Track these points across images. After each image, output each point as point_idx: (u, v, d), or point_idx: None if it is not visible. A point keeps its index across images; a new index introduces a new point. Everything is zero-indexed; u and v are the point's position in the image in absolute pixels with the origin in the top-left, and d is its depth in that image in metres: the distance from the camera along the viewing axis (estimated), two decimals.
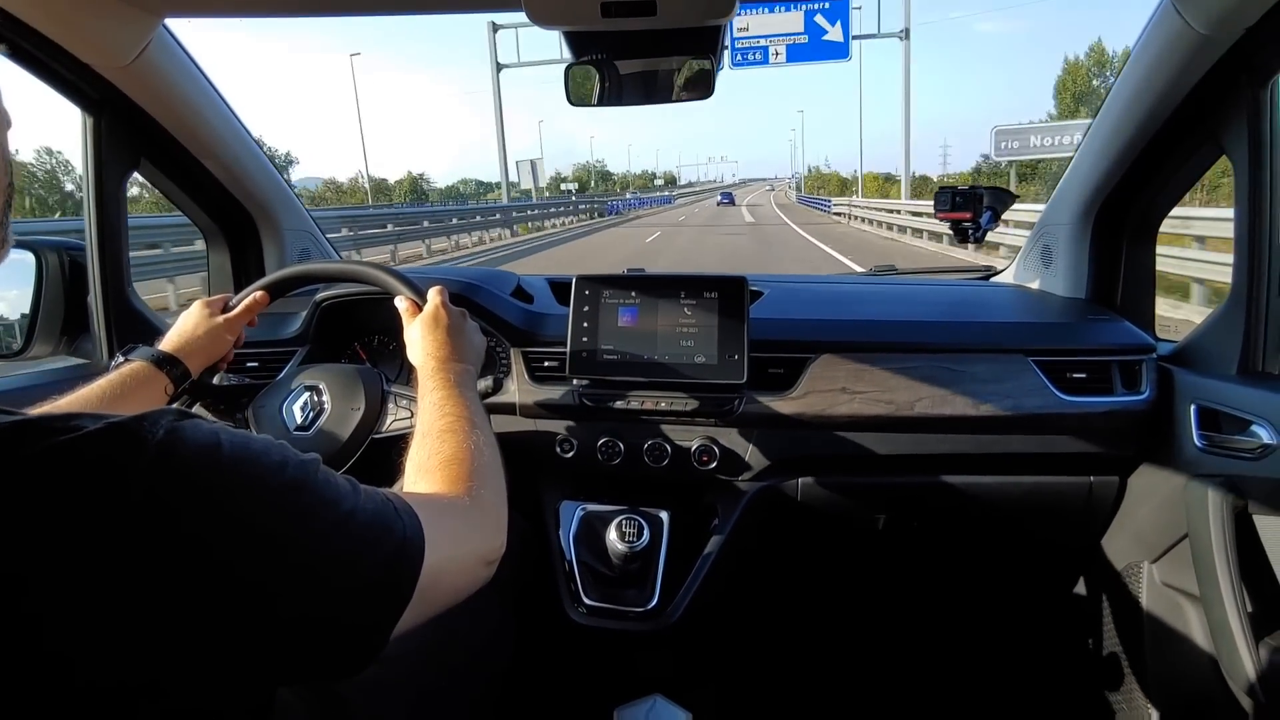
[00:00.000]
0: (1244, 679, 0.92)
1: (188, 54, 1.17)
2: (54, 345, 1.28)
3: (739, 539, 1.19)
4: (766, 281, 1.39)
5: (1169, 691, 1.16)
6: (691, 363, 1.15)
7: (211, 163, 1.32)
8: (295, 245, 1.53)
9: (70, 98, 1.11)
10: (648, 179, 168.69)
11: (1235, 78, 0.95)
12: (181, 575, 0.37)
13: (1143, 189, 1.18)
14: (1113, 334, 1.16)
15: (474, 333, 0.92)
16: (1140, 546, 1.17)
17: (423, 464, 0.66)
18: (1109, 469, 1.17)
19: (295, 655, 0.43)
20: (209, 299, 0.98)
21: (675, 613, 1.13)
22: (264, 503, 0.42)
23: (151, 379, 0.87)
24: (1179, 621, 1.10)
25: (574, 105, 1.10)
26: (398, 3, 1.00)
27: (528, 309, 1.29)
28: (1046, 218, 1.36)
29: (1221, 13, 0.88)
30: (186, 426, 0.40)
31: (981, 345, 1.16)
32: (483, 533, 0.61)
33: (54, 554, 0.34)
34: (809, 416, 1.16)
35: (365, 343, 1.36)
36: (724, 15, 0.90)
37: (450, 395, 0.76)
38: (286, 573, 0.41)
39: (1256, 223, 0.96)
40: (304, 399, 0.96)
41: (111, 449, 0.37)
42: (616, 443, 1.20)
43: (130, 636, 0.35)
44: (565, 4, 0.86)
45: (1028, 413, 1.12)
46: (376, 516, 0.48)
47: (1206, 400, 1.03)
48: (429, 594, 0.50)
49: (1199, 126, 1.04)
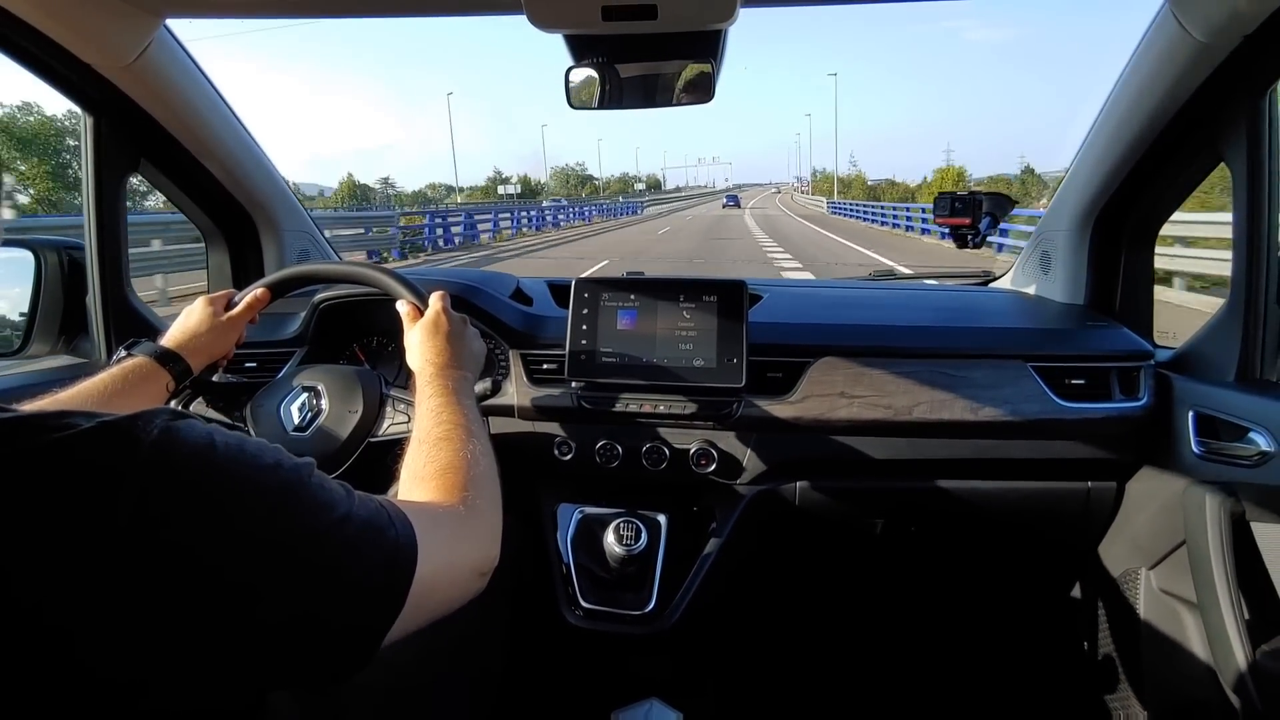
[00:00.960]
0: (1241, 686, 0.92)
1: (188, 54, 1.17)
2: (52, 344, 1.28)
3: (737, 542, 1.19)
4: (766, 285, 1.39)
5: (1166, 698, 1.15)
6: (690, 366, 1.15)
7: (211, 163, 1.32)
8: (294, 246, 1.53)
9: (71, 97, 1.11)
10: (628, 183, 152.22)
11: (1234, 85, 0.95)
12: (171, 576, 0.37)
13: (1141, 196, 1.18)
14: (1111, 340, 1.16)
15: (474, 339, 0.92)
16: (1138, 553, 1.17)
17: (418, 471, 0.66)
18: (1107, 475, 1.17)
19: (285, 659, 0.42)
20: (212, 296, 0.98)
21: (673, 616, 1.13)
22: (256, 505, 0.41)
23: (153, 374, 0.87)
24: (1176, 628, 1.10)
25: (574, 109, 1.10)
26: (397, 6, 1.00)
27: (527, 311, 1.29)
28: (1045, 224, 1.36)
29: (1220, 21, 0.88)
30: (181, 426, 0.40)
31: (980, 351, 1.16)
32: (477, 543, 0.61)
33: (45, 551, 0.34)
34: (807, 420, 1.16)
35: (364, 344, 1.36)
36: (725, 19, 0.90)
37: (448, 402, 0.76)
38: (276, 575, 0.41)
39: (1255, 230, 0.96)
40: (302, 400, 0.96)
41: (105, 448, 0.37)
42: (615, 445, 1.20)
43: (119, 635, 0.35)
44: (566, 7, 0.86)
45: (1026, 418, 1.12)
46: (369, 522, 0.48)
47: (1205, 407, 1.03)
48: (421, 603, 0.50)
49: (1197, 134, 1.04)
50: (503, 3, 0.93)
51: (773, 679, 1.52)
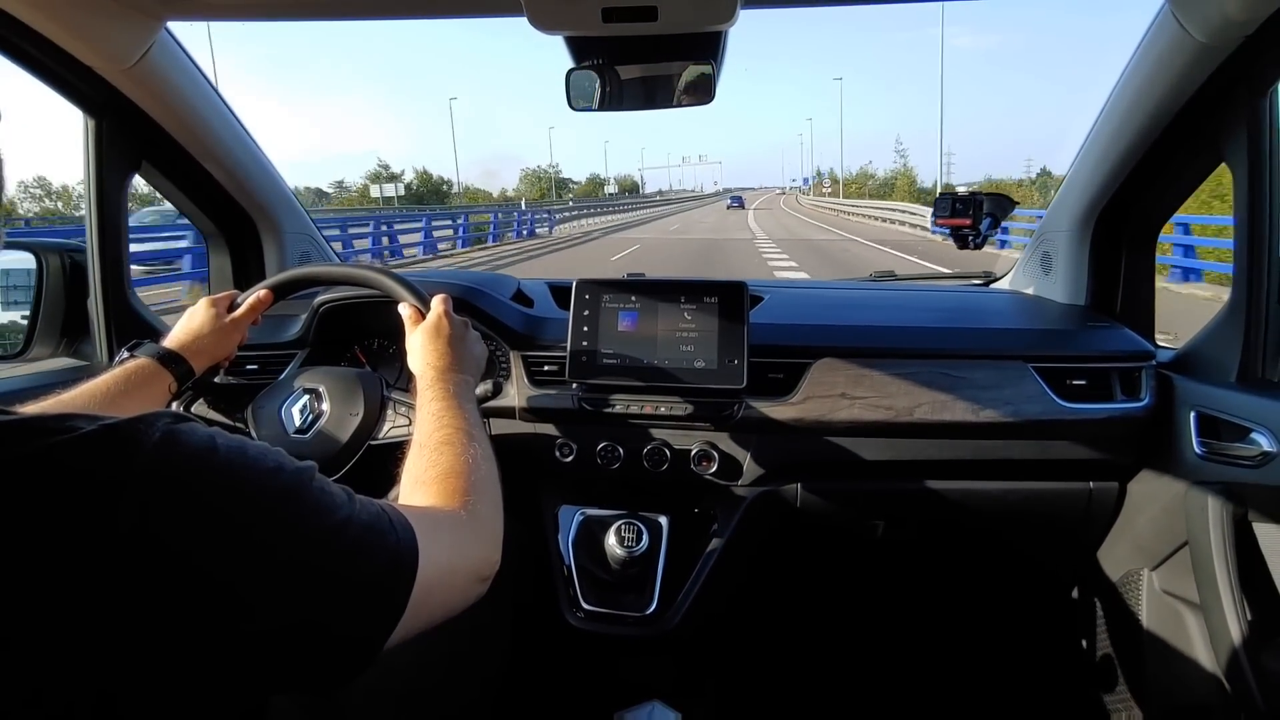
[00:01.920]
0: (1243, 687, 0.92)
1: (189, 57, 1.18)
2: (54, 347, 1.28)
3: (738, 544, 1.19)
4: (767, 286, 1.39)
5: (1168, 699, 1.15)
6: (691, 367, 1.15)
7: (212, 165, 1.32)
8: (295, 248, 1.53)
9: (72, 100, 1.11)
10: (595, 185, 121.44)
11: (1234, 86, 0.95)
12: (171, 579, 0.37)
13: (1142, 196, 1.18)
14: (1112, 341, 1.16)
15: (475, 343, 0.92)
16: (1140, 554, 1.17)
17: (419, 476, 0.66)
18: (1108, 476, 1.17)
19: (285, 664, 0.42)
20: (215, 297, 0.98)
21: (674, 618, 1.13)
22: (257, 509, 0.41)
23: (155, 375, 0.87)
24: (1178, 629, 1.10)
25: (575, 110, 1.10)
26: (399, 8, 1.01)
27: (528, 313, 1.29)
28: (1046, 224, 1.36)
29: (1221, 21, 0.88)
30: (183, 429, 0.40)
31: (981, 351, 1.16)
32: (478, 548, 0.61)
33: (46, 555, 0.34)
34: (808, 422, 1.15)
35: (365, 346, 1.36)
36: (725, 20, 0.90)
37: (449, 406, 0.76)
38: (277, 580, 0.41)
39: (1256, 230, 0.96)
40: (303, 402, 0.96)
41: (107, 451, 0.37)
42: (616, 447, 1.20)
43: (119, 640, 0.35)
44: (566, 9, 0.86)
45: (1027, 419, 1.12)
46: (370, 527, 0.48)
47: (1206, 407, 1.03)
48: (421, 608, 0.49)
49: (1198, 134, 1.04)
50: (503, 5, 0.93)
51: (774, 681, 1.51)
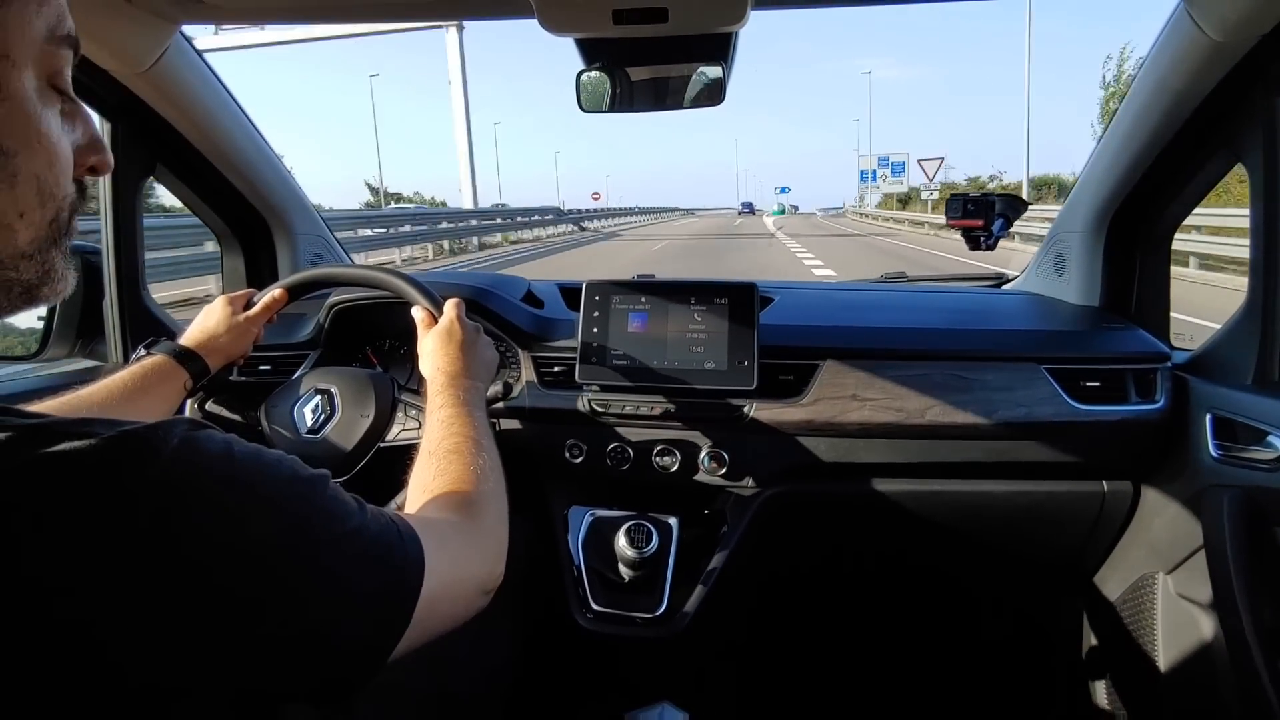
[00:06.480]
0: (1260, 692, 0.90)
1: (204, 60, 1.19)
2: (69, 348, 1.29)
3: (748, 545, 1.18)
4: (777, 288, 1.38)
5: (1183, 704, 1.14)
6: (701, 369, 1.15)
7: (226, 168, 1.33)
8: (308, 249, 1.54)
9: (87, 103, 1.12)
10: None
11: (1250, 85, 0.94)
12: (186, 586, 0.37)
13: (1157, 196, 1.17)
14: (1127, 342, 1.15)
15: (486, 348, 0.92)
16: (1154, 557, 1.16)
17: (426, 484, 0.65)
18: (1122, 478, 1.16)
19: (291, 674, 0.42)
20: (231, 295, 0.98)
21: (684, 619, 1.13)
22: (272, 516, 0.41)
23: (171, 373, 0.88)
24: (1193, 634, 1.09)
25: (586, 112, 1.10)
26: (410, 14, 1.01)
27: (538, 314, 1.29)
28: (1059, 225, 1.35)
29: (1236, 20, 0.87)
30: (200, 437, 0.41)
31: (993, 353, 1.16)
32: (482, 560, 0.61)
33: (59, 559, 0.34)
34: (819, 423, 1.15)
35: (377, 347, 1.37)
36: (736, 21, 0.90)
37: (458, 413, 0.75)
38: (287, 587, 0.41)
39: (1272, 231, 0.95)
40: (315, 402, 0.96)
41: (125, 457, 0.37)
42: (625, 448, 1.20)
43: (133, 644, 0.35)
44: (577, 11, 0.87)
45: (1040, 421, 1.11)
46: (381, 536, 0.48)
47: (1222, 410, 1.01)
48: (425, 620, 0.49)
49: (1214, 134, 1.03)
50: (514, 7, 0.93)
51: (784, 682, 1.51)
